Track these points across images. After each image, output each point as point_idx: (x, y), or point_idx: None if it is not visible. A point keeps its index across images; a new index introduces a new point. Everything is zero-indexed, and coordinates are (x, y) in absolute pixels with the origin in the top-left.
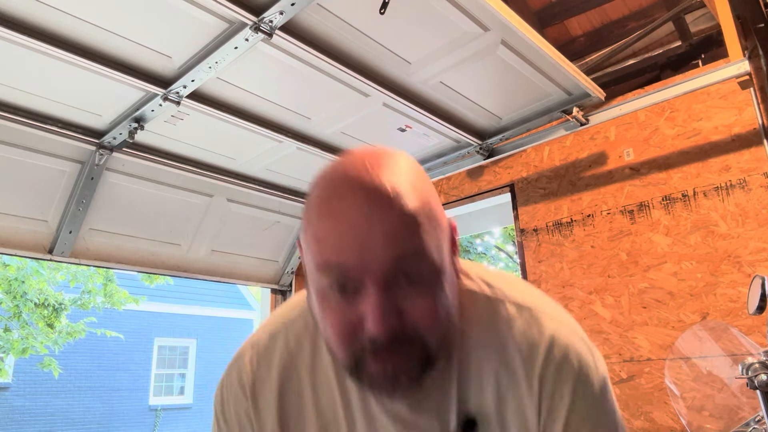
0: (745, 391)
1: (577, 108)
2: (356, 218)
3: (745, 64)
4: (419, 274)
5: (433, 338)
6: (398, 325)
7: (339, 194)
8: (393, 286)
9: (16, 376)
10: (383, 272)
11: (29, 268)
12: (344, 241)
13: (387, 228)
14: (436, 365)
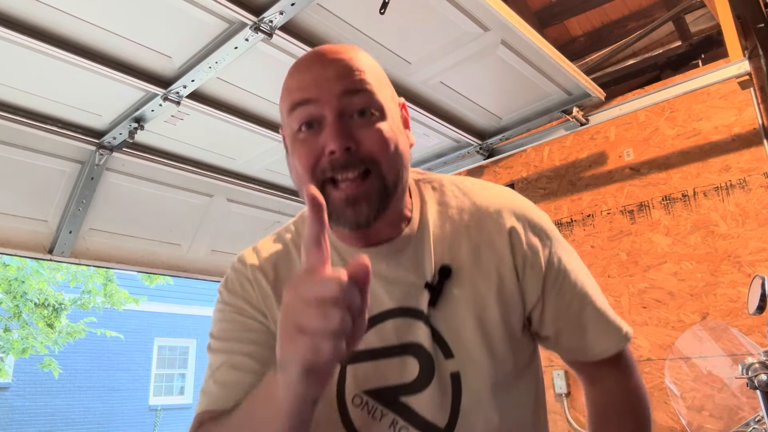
0: (745, 391)
1: (577, 108)
2: (316, 67)
3: (745, 64)
4: (367, 109)
5: (383, 166)
6: (353, 145)
7: (303, 60)
8: (346, 117)
9: (16, 376)
10: (337, 102)
11: (29, 268)
12: (306, 82)
13: (339, 70)
14: (391, 198)
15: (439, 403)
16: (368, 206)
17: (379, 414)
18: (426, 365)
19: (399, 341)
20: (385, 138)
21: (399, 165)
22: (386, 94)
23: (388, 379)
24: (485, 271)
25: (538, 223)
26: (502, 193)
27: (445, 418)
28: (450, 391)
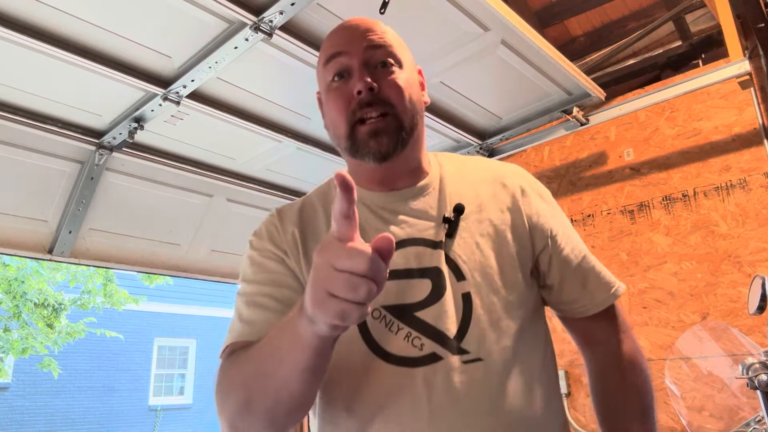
0: (746, 391)
1: (577, 108)
2: (346, 29)
3: (746, 63)
4: (387, 61)
5: (401, 108)
6: (375, 88)
7: (337, 26)
8: (371, 66)
9: (16, 376)
10: (363, 53)
11: (29, 268)
12: (339, 40)
13: (365, 29)
14: (407, 137)
15: (449, 315)
16: (388, 139)
17: (395, 327)
18: (438, 284)
19: (418, 265)
20: (401, 85)
21: (413, 111)
22: (405, 55)
23: (406, 297)
24: (499, 210)
25: (542, 187)
26: (509, 165)
27: (455, 327)
28: (461, 307)
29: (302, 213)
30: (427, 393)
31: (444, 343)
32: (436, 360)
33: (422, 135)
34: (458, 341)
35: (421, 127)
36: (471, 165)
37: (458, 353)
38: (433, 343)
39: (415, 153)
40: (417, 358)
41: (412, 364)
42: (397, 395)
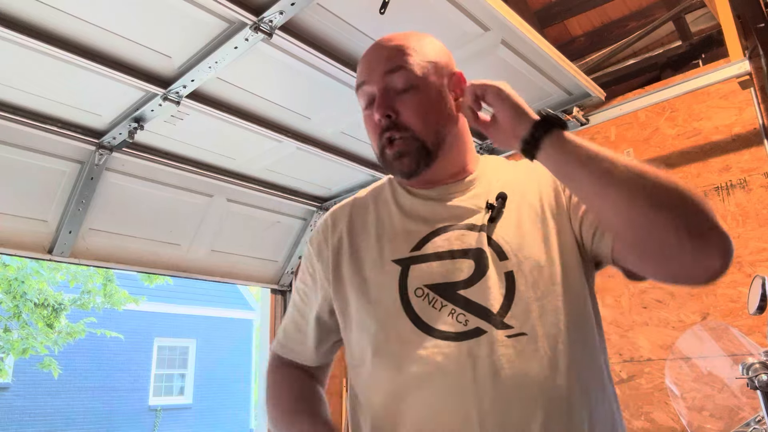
0: (746, 391)
1: (577, 108)
2: (370, 54)
3: (746, 63)
4: (405, 87)
5: (419, 130)
6: (392, 114)
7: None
8: (391, 92)
9: (16, 377)
10: (381, 81)
11: (29, 268)
12: (363, 67)
13: (385, 54)
14: (434, 154)
15: (492, 291)
16: (410, 160)
17: (439, 305)
18: (481, 263)
19: (461, 246)
20: (418, 108)
21: (436, 127)
22: (429, 72)
23: (449, 276)
24: (538, 198)
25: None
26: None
27: (499, 304)
28: (504, 284)
29: (353, 210)
30: (472, 364)
31: (488, 318)
32: (480, 334)
33: (459, 141)
34: (502, 316)
35: (453, 138)
36: (511, 165)
37: (502, 327)
38: (477, 319)
39: (452, 159)
40: (462, 332)
41: (457, 338)
42: (441, 366)
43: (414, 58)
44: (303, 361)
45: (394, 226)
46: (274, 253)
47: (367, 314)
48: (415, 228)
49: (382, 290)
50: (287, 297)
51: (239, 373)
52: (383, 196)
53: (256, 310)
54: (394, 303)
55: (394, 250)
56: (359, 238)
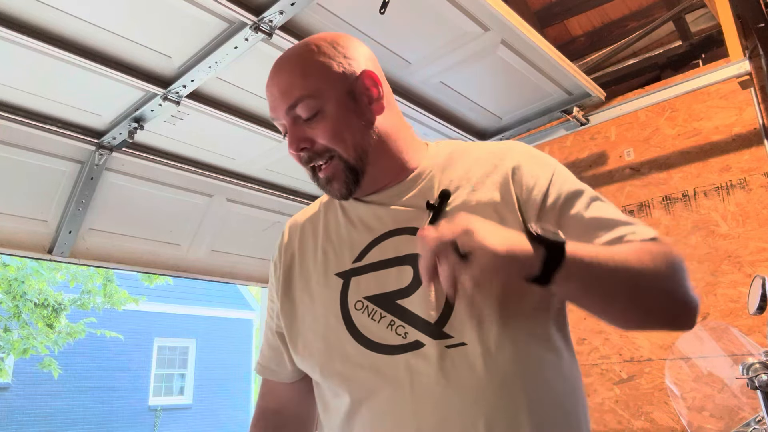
0: (746, 391)
1: (577, 108)
2: (270, 89)
3: (746, 63)
4: (310, 113)
5: (340, 150)
6: (307, 144)
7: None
8: (300, 123)
9: (16, 377)
10: (286, 117)
11: (29, 268)
12: (269, 103)
13: (281, 88)
14: (363, 169)
15: (430, 301)
16: (339, 183)
17: (378, 316)
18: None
19: (397, 254)
20: (329, 130)
21: (356, 142)
22: (324, 87)
23: (386, 286)
24: (490, 192)
25: (540, 156)
26: (512, 143)
27: (437, 315)
28: (443, 292)
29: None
30: (410, 379)
31: (426, 329)
32: (419, 346)
33: (386, 143)
34: (441, 326)
35: (380, 143)
36: (471, 149)
37: (441, 338)
38: (415, 330)
39: (385, 163)
40: (400, 345)
41: (395, 351)
42: (381, 381)
43: (309, 83)
44: (283, 379)
45: (340, 236)
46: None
47: (313, 332)
48: (358, 237)
49: (326, 306)
50: None
51: (239, 373)
52: (333, 203)
53: (256, 310)
54: (336, 318)
55: (338, 263)
56: (309, 251)
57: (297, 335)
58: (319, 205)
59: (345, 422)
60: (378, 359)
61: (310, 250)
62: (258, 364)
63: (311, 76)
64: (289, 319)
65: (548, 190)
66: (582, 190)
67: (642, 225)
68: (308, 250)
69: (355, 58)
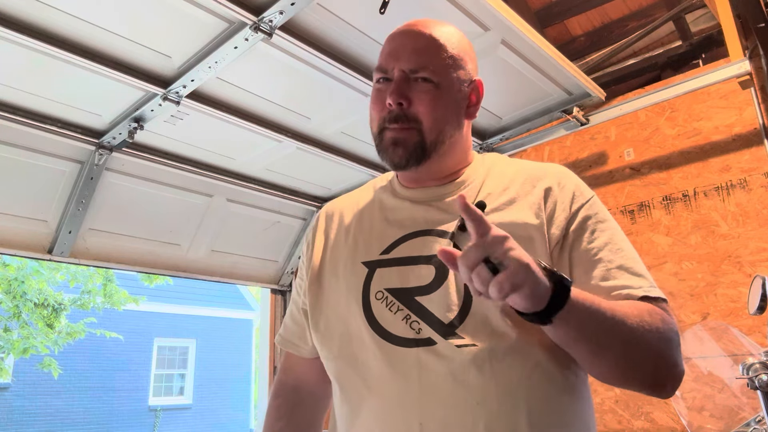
0: (746, 391)
1: (577, 108)
2: (398, 41)
3: (746, 63)
4: (426, 80)
5: (427, 125)
6: (405, 102)
7: (397, 30)
8: (411, 80)
9: (16, 377)
10: (403, 69)
11: (29, 268)
12: (389, 51)
13: (415, 44)
14: (430, 152)
15: (448, 303)
16: (405, 151)
17: (395, 308)
18: (441, 271)
19: (424, 253)
20: (433, 104)
21: (441, 128)
22: (452, 71)
23: (408, 281)
24: (524, 210)
25: (576, 186)
26: (554, 166)
27: (453, 314)
28: (462, 295)
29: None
30: (419, 372)
31: (440, 327)
32: (431, 343)
33: (457, 146)
34: (454, 327)
35: (453, 141)
36: (515, 165)
37: (453, 338)
38: (429, 328)
39: (446, 162)
40: (413, 339)
41: (408, 345)
42: (391, 371)
43: (442, 55)
44: (304, 354)
45: (372, 227)
46: (274, 253)
47: (336, 315)
48: (390, 231)
49: (350, 291)
50: (287, 297)
51: (239, 373)
52: (373, 195)
53: (256, 310)
54: (357, 304)
55: (366, 252)
56: (341, 238)
57: (320, 315)
58: (357, 195)
59: (355, 406)
60: (390, 349)
61: (342, 237)
62: (279, 336)
63: (449, 55)
64: (315, 298)
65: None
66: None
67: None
68: (341, 237)
69: (476, 66)
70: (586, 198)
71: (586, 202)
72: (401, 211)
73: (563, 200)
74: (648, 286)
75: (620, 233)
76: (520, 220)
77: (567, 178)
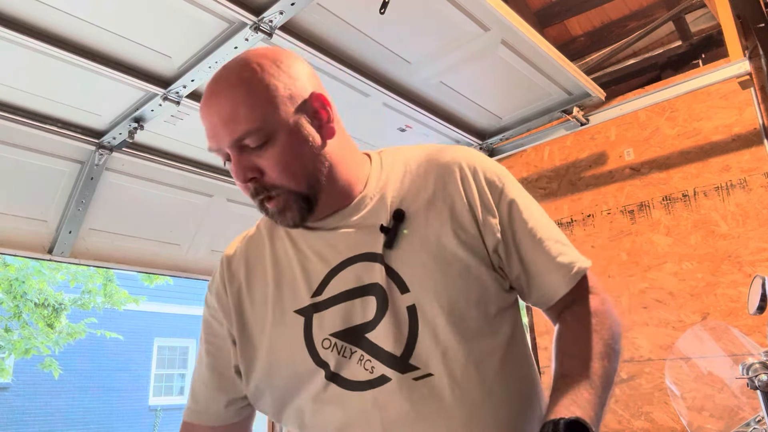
0: (746, 391)
1: (577, 108)
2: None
3: (746, 63)
4: (257, 143)
5: (290, 185)
6: (256, 175)
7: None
8: (246, 152)
9: (16, 377)
10: (231, 147)
11: (31, 268)
12: (207, 133)
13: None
14: (315, 198)
15: (394, 333)
16: (291, 213)
17: (348, 352)
18: (381, 300)
19: (358, 284)
20: (280, 162)
21: (308, 173)
22: (275, 113)
23: (352, 319)
24: (439, 211)
25: (490, 169)
26: (458, 149)
27: (401, 347)
28: (407, 322)
29: (248, 251)
30: (380, 415)
31: (392, 363)
32: (385, 381)
33: (337, 168)
34: (407, 358)
35: (331, 169)
36: (414, 162)
37: (408, 371)
38: (381, 365)
39: (337, 188)
40: (368, 380)
41: (364, 388)
42: (351, 419)
43: (256, 111)
44: (215, 422)
45: (291, 268)
46: None
47: (277, 373)
48: (313, 269)
49: (290, 344)
50: None
51: None
52: (278, 232)
53: None
54: (303, 356)
55: (295, 298)
56: (258, 286)
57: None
58: (260, 233)
59: None
60: (347, 396)
61: (260, 285)
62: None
63: (257, 102)
64: (248, 354)
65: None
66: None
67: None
68: (257, 285)
69: (299, 77)
70: (501, 183)
71: (502, 188)
72: (317, 244)
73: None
74: (579, 256)
75: (533, 205)
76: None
77: (474, 164)
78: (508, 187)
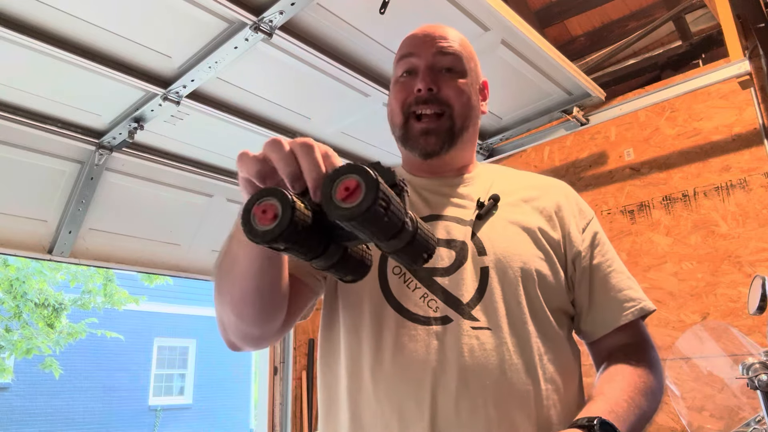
0: (746, 391)
1: (577, 108)
2: (422, 33)
3: (746, 63)
4: (453, 68)
5: (457, 110)
6: (435, 88)
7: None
8: (436, 70)
9: (16, 376)
10: (431, 58)
11: (31, 267)
12: (414, 41)
13: (438, 36)
14: (457, 138)
15: (466, 283)
16: (437, 139)
17: (413, 285)
18: (461, 255)
19: (445, 237)
20: (461, 90)
21: (468, 114)
22: (471, 66)
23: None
24: (533, 208)
25: (584, 203)
26: (555, 180)
27: (470, 296)
28: (478, 279)
29: None
30: (434, 349)
31: (457, 307)
32: (448, 322)
33: (473, 139)
34: (471, 308)
35: (473, 132)
36: (518, 173)
37: (469, 319)
38: (446, 307)
39: (462, 154)
40: (430, 317)
41: (425, 323)
42: (405, 346)
43: (464, 50)
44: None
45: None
46: None
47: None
48: (416, 203)
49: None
50: None
51: (239, 373)
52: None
53: None
54: (373, 277)
55: None
56: None
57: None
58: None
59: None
60: (406, 325)
61: None
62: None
63: (469, 51)
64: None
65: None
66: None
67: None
68: None
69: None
70: (591, 215)
71: (592, 219)
72: (427, 191)
73: (574, 216)
74: (646, 297)
75: (611, 244)
76: (534, 224)
77: (571, 193)
78: (595, 221)
